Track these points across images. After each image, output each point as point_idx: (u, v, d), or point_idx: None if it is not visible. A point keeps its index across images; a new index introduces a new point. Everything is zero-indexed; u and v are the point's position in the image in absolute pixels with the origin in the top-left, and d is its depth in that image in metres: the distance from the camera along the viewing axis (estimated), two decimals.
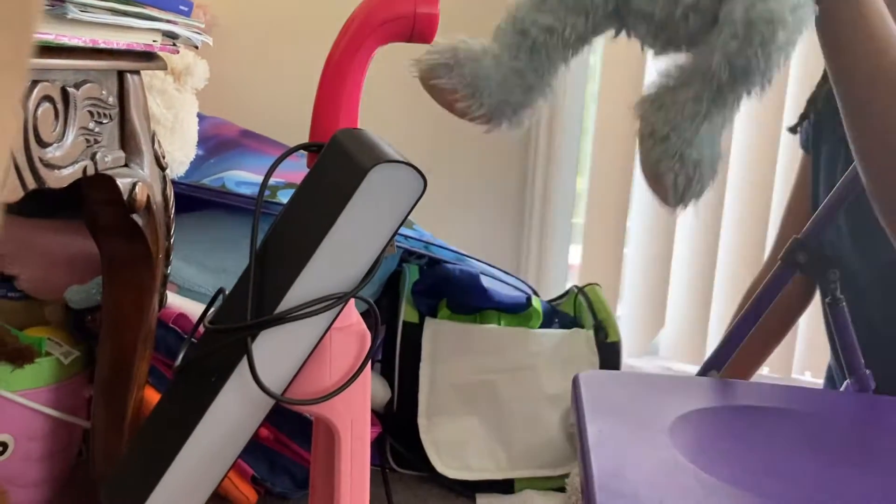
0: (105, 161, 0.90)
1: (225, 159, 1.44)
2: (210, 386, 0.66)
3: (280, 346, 0.66)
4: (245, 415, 0.68)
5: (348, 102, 0.70)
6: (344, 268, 0.65)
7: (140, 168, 0.97)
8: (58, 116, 0.82)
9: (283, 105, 1.68)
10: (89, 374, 1.20)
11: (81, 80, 0.85)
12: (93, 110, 0.88)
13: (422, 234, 1.42)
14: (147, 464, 0.69)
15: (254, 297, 0.66)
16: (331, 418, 0.71)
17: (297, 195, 0.70)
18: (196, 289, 1.25)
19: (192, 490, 0.69)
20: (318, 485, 0.84)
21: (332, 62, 0.69)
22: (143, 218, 0.98)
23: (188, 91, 1.33)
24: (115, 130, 0.93)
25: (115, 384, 1.07)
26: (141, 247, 1.00)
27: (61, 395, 1.16)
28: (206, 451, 0.67)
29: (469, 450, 1.32)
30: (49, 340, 1.18)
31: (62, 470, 1.22)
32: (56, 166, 0.82)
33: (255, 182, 1.33)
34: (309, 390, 0.69)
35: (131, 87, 0.94)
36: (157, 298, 1.06)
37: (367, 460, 0.75)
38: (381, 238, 0.65)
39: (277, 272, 0.67)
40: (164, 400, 0.74)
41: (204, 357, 0.70)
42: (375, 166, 0.62)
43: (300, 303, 0.65)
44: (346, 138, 0.67)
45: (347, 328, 0.71)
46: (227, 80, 1.64)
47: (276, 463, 1.20)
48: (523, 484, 1.33)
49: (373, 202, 0.63)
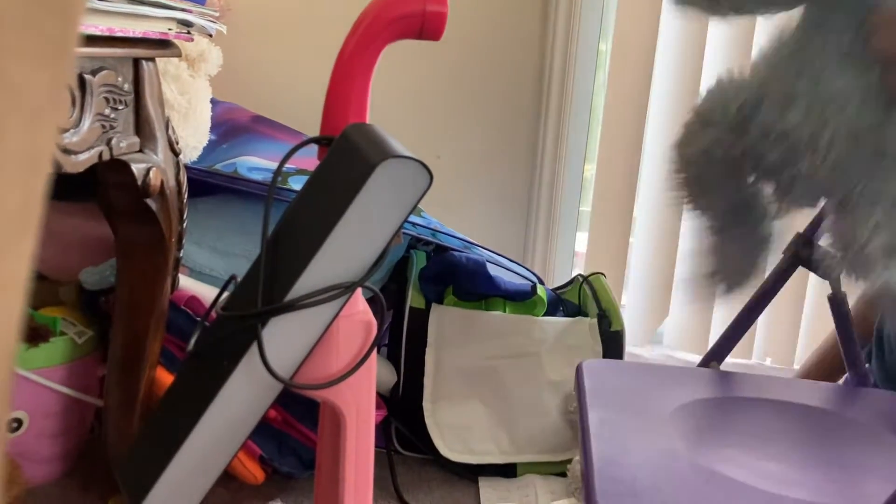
0: (120, 146, 0.92)
1: (237, 145, 1.45)
2: (222, 369, 0.69)
3: (289, 332, 0.68)
4: (254, 398, 0.70)
5: (358, 98, 0.71)
6: (352, 258, 0.67)
7: (154, 153, 0.98)
8: (74, 103, 0.84)
9: (294, 91, 1.69)
10: (102, 354, 1.22)
11: (98, 68, 0.87)
12: (109, 97, 0.89)
13: (430, 222, 1.44)
14: (160, 444, 0.72)
15: (264, 285, 0.68)
16: (337, 402, 0.73)
17: (307, 187, 0.72)
18: (207, 272, 1.26)
19: (203, 469, 0.71)
20: (324, 466, 0.86)
21: (343, 59, 0.71)
22: (157, 202, 1.00)
23: (202, 77, 1.34)
24: (130, 116, 0.95)
25: (128, 364, 1.09)
26: (154, 230, 1.02)
27: (75, 374, 1.18)
28: (217, 432, 0.70)
29: (473, 434, 1.34)
30: (63, 320, 1.20)
31: (74, 446, 1.24)
32: (72, 151, 0.84)
33: (266, 168, 1.35)
34: (316, 375, 0.71)
35: (146, 73, 0.96)
36: (170, 281, 1.08)
37: (372, 443, 0.77)
38: (387, 230, 0.67)
39: (288, 261, 0.69)
40: (177, 382, 0.76)
41: (216, 342, 0.72)
42: (384, 161, 0.63)
43: (309, 291, 0.67)
44: (355, 133, 0.69)
45: (354, 316, 0.73)
46: (239, 66, 1.66)
47: (283, 443, 1.23)
48: (525, 468, 1.35)
49: (380, 196, 0.65)
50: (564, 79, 1.79)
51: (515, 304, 1.41)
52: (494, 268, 1.42)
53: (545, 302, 1.41)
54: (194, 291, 1.18)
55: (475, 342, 1.36)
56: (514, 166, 1.86)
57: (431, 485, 1.32)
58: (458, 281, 1.39)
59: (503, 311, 1.40)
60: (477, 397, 1.35)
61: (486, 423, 1.34)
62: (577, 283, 1.51)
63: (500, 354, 1.36)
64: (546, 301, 1.42)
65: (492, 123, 1.83)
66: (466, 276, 1.38)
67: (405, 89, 1.75)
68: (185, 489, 0.71)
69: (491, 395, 1.35)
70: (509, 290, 1.39)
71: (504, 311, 1.40)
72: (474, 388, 1.36)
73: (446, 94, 1.80)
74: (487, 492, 1.30)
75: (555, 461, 1.35)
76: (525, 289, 1.41)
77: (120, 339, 1.09)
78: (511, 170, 1.86)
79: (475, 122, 1.82)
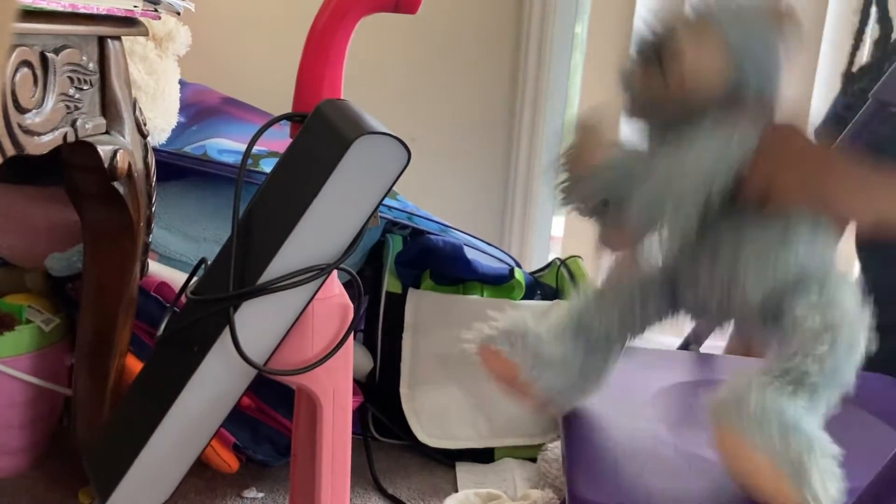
0: (86, 128, 0.89)
1: (207, 127, 1.43)
2: (193, 356, 0.67)
3: (262, 316, 0.66)
4: (227, 384, 0.68)
5: (332, 73, 0.69)
6: (327, 239, 0.65)
7: (121, 135, 0.96)
8: (37, 82, 0.81)
9: (266, 72, 1.66)
10: (70, 342, 1.19)
11: (61, 46, 0.84)
12: (73, 76, 0.87)
13: (406, 205, 1.42)
14: (130, 433, 0.69)
15: (236, 268, 0.66)
16: (313, 388, 0.72)
17: (280, 165, 0.70)
18: (177, 257, 1.24)
19: (175, 459, 0.69)
20: (300, 453, 0.85)
21: (316, 32, 0.68)
22: (125, 186, 0.98)
23: (170, 57, 1.31)
24: (95, 97, 0.92)
25: (97, 352, 1.06)
26: (122, 215, 1.00)
27: (42, 363, 1.16)
28: (189, 420, 0.68)
29: (450, 419, 1.33)
30: (29, 308, 1.17)
31: (43, 437, 1.22)
32: (35, 133, 0.82)
33: (237, 150, 1.32)
34: (291, 360, 0.70)
35: (112, 52, 0.93)
36: (139, 267, 1.05)
37: (349, 429, 0.75)
38: (364, 210, 0.65)
39: (260, 243, 0.67)
40: (147, 369, 0.74)
41: (186, 327, 0.70)
42: (359, 137, 0.62)
43: (283, 274, 0.65)
44: (329, 109, 0.67)
45: (330, 299, 0.71)
46: (209, 46, 1.63)
47: (258, 431, 1.21)
48: (503, 453, 1.34)
49: (356, 173, 0.63)
50: (540, 61, 1.78)
51: (493, 288, 1.40)
52: (471, 251, 1.41)
53: (523, 286, 1.40)
54: (164, 277, 1.16)
55: (452, 327, 1.35)
56: (490, 149, 1.85)
57: (409, 471, 1.31)
58: (435, 265, 1.37)
59: (481, 295, 1.39)
60: (454, 382, 1.34)
61: (464, 408, 1.33)
62: (555, 266, 1.50)
63: None
64: (524, 285, 1.41)
65: (467, 105, 1.81)
66: (443, 260, 1.37)
67: (377, 70, 1.72)
68: (157, 479, 0.69)
69: (468, 380, 1.34)
70: (487, 274, 1.38)
71: (482, 295, 1.39)
72: (452, 373, 1.34)
73: (420, 76, 1.79)
74: (464, 477, 1.29)
75: (533, 445, 1.35)
76: (503, 272, 1.40)
77: (88, 327, 1.07)
78: (487, 153, 1.85)
79: (450, 105, 1.81)
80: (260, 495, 1.21)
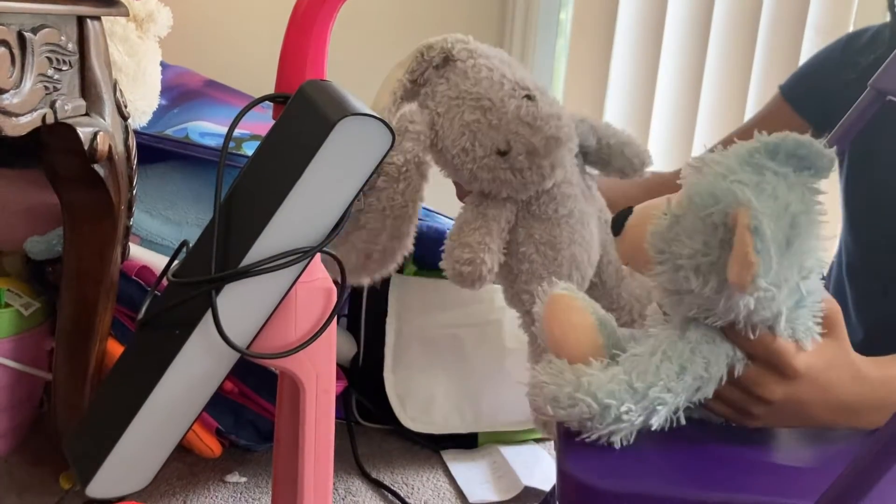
0: (65, 109, 0.88)
1: (188, 109, 1.41)
2: (174, 339, 0.66)
3: (245, 299, 0.66)
4: (209, 368, 0.67)
5: (315, 53, 0.68)
6: (311, 222, 0.65)
7: (101, 117, 0.95)
8: (14, 62, 0.80)
9: (248, 55, 1.65)
10: (50, 326, 1.18)
11: (39, 25, 0.83)
12: (51, 56, 0.85)
13: None
14: (110, 417, 0.69)
15: (218, 250, 0.65)
16: (296, 372, 0.71)
17: (262, 147, 0.69)
18: (159, 241, 1.23)
19: (156, 443, 0.68)
20: (283, 437, 0.84)
21: (299, 11, 0.67)
22: (105, 168, 0.97)
23: (151, 39, 1.29)
24: (75, 78, 0.91)
25: (77, 336, 1.06)
26: (102, 198, 0.99)
27: (21, 347, 1.15)
28: (170, 404, 0.67)
29: (434, 404, 1.33)
30: (8, 292, 1.16)
31: (23, 422, 1.21)
32: (13, 114, 0.80)
33: (219, 133, 1.31)
34: (274, 344, 0.69)
35: (92, 33, 0.92)
36: (120, 250, 1.04)
37: (333, 414, 0.75)
38: (348, 192, 0.65)
39: (243, 225, 0.66)
40: (128, 353, 0.74)
41: (168, 310, 0.69)
42: (343, 119, 0.61)
43: (266, 256, 0.64)
44: (313, 90, 0.66)
45: (313, 283, 0.70)
46: (190, 27, 1.61)
47: (240, 416, 1.20)
48: (486, 437, 1.35)
49: (340, 156, 0.62)
50: (524, 47, 1.78)
51: None
52: None
53: None
54: (146, 261, 1.14)
55: (436, 311, 1.35)
56: None
57: (392, 455, 1.31)
58: (418, 250, 1.37)
59: None
60: (438, 367, 1.34)
61: (448, 393, 1.33)
62: None
63: (462, 323, 1.35)
64: None
65: None
66: (428, 246, 1.36)
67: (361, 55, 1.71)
68: (138, 464, 0.68)
69: (453, 365, 1.34)
70: None
71: None
72: (436, 358, 1.34)
73: None
74: (453, 463, 1.29)
75: (517, 430, 1.35)
76: None
77: (68, 311, 1.06)
78: None
79: None
80: (243, 480, 1.21)
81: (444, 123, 0.85)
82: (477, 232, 0.86)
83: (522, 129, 0.83)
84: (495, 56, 0.88)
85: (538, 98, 0.85)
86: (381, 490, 1.22)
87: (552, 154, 0.84)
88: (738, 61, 1.71)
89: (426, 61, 0.87)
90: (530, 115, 0.83)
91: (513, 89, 0.84)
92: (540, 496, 1.19)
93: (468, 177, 0.87)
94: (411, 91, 0.88)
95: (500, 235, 0.87)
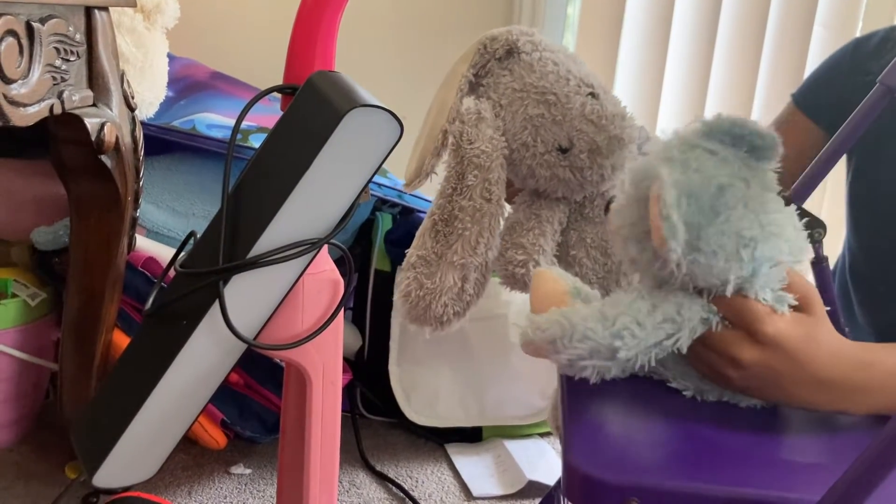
0: (72, 100, 0.88)
1: (195, 101, 1.41)
2: (181, 330, 0.66)
3: (252, 290, 0.66)
4: (216, 359, 0.67)
5: (324, 44, 0.68)
6: (318, 213, 0.65)
7: (108, 108, 0.94)
8: (22, 52, 0.80)
9: (256, 47, 1.64)
10: (57, 317, 1.18)
11: (47, 15, 0.83)
12: (59, 47, 0.85)
13: (396, 183, 1.41)
14: (117, 407, 0.69)
15: (226, 242, 0.65)
16: (303, 364, 0.71)
17: (270, 138, 0.69)
18: (165, 232, 1.23)
19: (162, 434, 0.68)
20: (289, 430, 0.84)
21: (309, 2, 0.67)
22: (112, 159, 0.97)
23: (158, 30, 1.29)
24: (82, 69, 0.91)
25: (84, 327, 1.06)
26: (109, 189, 0.99)
27: (28, 337, 1.15)
28: (177, 395, 0.67)
29: (439, 398, 1.33)
30: (15, 282, 1.16)
31: (29, 412, 1.21)
32: (21, 104, 0.80)
33: (226, 125, 1.31)
34: (281, 335, 0.69)
35: (99, 24, 0.92)
36: (126, 241, 1.04)
37: (339, 406, 0.75)
38: (356, 184, 0.65)
39: (251, 216, 0.66)
40: (134, 344, 0.73)
41: (175, 301, 0.69)
42: (352, 110, 0.61)
43: (274, 247, 0.64)
44: (321, 81, 0.66)
45: (320, 274, 0.70)
46: (198, 19, 1.61)
47: (245, 408, 1.21)
48: (491, 432, 1.35)
49: (348, 147, 0.62)
50: None
51: None
52: None
53: None
54: (152, 252, 1.15)
55: None
56: None
57: (397, 448, 1.31)
58: None
59: None
60: (444, 360, 1.34)
61: (453, 387, 1.33)
62: None
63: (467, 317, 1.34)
64: None
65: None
66: None
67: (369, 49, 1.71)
68: (144, 455, 0.69)
69: (458, 359, 1.34)
70: None
71: None
72: (441, 352, 1.34)
73: (412, 54, 1.77)
74: (458, 456, 1.29)
75: (522, 424, 1.35)
76: None
77: (75, 302, 1.06)
78: None
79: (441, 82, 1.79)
80: (247, 471, 1.21)
81: (506, 116, 0.82)
82: (531, 233, 0.83)
83: (586, 126, 0.80)
84: (560, 50, 0.85)
85: (602, 97, 0.83)
86: (385, 483, 1.22)
87: (614, 154, 0.81)
88: (745, 56, 1.70)
89: (489, 53, 0.84)
90: (595, 114, 0.81)
91: (578, 86, 0.82)
92: (544, 490, 1.19)
93: (525, 172, 0.83)
94: (474, 84, 0.85)
95: (553, 237, 0.84)
